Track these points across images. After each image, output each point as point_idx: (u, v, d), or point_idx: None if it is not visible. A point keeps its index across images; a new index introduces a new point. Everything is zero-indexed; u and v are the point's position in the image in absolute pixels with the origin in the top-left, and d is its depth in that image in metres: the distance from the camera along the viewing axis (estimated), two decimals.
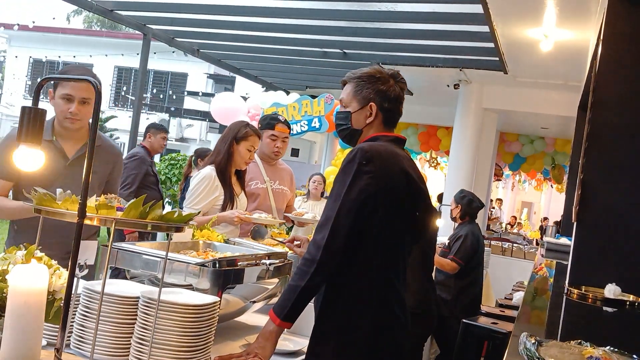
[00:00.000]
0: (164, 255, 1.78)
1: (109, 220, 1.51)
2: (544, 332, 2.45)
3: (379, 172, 2.08)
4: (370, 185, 2.06)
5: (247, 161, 3.62)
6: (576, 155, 5.31)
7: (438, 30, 6.68)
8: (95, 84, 1.55)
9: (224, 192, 3.52)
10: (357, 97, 2.26)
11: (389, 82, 2.25)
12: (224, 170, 3.54)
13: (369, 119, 2.24)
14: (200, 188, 3.48)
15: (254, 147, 3.61)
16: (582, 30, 5.57)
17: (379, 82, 2.25)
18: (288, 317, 2.03)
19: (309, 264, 2.03)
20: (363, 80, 2.26)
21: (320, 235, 2.06)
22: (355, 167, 2.07)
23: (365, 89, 2.25)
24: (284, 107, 8.53)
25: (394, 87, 2.25)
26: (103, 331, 1.81)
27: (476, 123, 9.00)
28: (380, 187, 2.08)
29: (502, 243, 9.18)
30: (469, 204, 5.50)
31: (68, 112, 2.65)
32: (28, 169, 1.62)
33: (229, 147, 3.56)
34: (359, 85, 2.27)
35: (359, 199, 2.05)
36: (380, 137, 2.24)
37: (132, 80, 24.78)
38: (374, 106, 2.23)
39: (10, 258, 1.68)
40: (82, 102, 2.66)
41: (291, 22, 7.22)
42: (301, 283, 2.02)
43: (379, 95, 2.24)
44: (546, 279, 4.22)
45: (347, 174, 2.08)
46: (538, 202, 26.19)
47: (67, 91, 2.64)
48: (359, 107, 2.26)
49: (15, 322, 1.43)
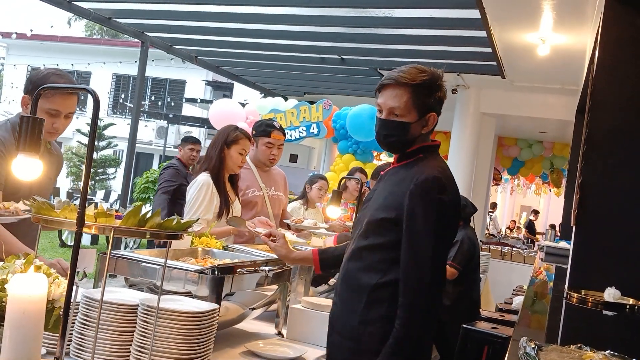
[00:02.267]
0: (163, 262, 1.78)
1: (108, 228, 1.51)
2: (543, 336, 2.45)
3: (453, 200, 2.05)
4: (451, 216, 2.05)
5: (240, 165, 3.57)
6: (574, 158, 5.32)
7: (435, 35, 6.71)
8: (93, 92, 1.54)
9: (220, 198, 3.48)
10: (415, 106, 2.05)
11: (444, 86, 2.09)
12: (218, 176, 3.49)
13: (425, 130, 2.09)
14: (200, 196, 3.41)
15: (245, 150, 3.56)
16: (578, 35, 5.59)
17: (438, 89, 2.07)
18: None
19: (415, 310, 1.94)
20: (420, 87, 2.04)
21: (415, 278, 1.95)
22: (436, 199, 1.97)
23: (427, 97, 2.05)
24: (282, 113, 8.54)
25: (444, 90, 2.10)
26: (102, 339, 1.81)
27: (474, 128, 9.02)
28: (453, 215, 2.07)
29: (501, 247, 9.18)
30: (463, 208, 5.49)
31: (52, 126, 2.53)
32: (27, 178, 1.62)
33: (220, 152, 3.51)
34: (420, 93, 2.04)
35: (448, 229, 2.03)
36: (429, 148, 2.14)
37: (130, 87, 24.79)
38: (435, 116, 2.08)
39: (9, 267, 1.67)
40: (67, 116, 2.57)
41: (289, 28, 7.24)
42: (412, 333, 1.94)
43: (438, 104, 2.09)
44: (546, 283, 4.22)
45: (429, 207, 1.97)
46: (537, 206, 26.18)
47: (54, 106, 2.50)
48: (417, 116, 2.06)
49: (14, 331, 1.43)
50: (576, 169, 3.54)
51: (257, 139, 3.93)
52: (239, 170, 3.62)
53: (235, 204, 3.61)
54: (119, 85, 25.77)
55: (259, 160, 3.97)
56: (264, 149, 3.92)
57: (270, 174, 4.08)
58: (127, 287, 2.31)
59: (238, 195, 3.71)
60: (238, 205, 3.65)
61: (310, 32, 7.31)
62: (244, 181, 3.86)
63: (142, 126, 17.63)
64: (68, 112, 2.56)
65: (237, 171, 3.62)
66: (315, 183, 5.66)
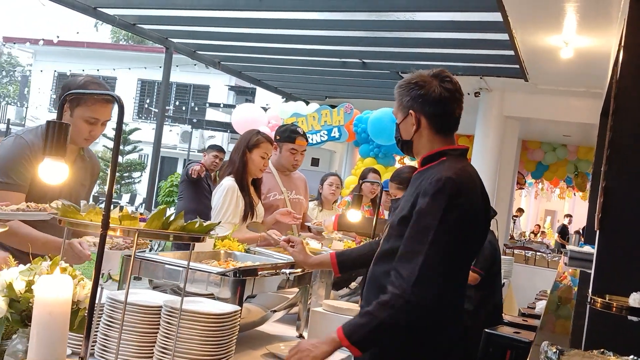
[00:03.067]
0: (186, 264, 1.80)
1: (132, 230, 1.54)
2: (567, 341, 2.43)
3: (467, 204, 1.98)
4: (462, 220, 1.96)
5: (262, 169, 3.60)
6: (599, 162, 5.26)
7: (457, 38, 6.68)
8: (118, 98, 1.58)
9: (244, 202, 3.52)
10: (399, 107, 2.16)
11: (430, 84, 2.09)
12: (242, 179, 3.53)
13: (414, 128, 2.12)
14: (227, 200, 3.45)
15: (267, 154, 3.59)
16: (602, 37, 5.53)
17: (417, 87, 2.10)
18: (358, 344, 1.92)
19: (396, 299, 1.91)
20: (402, 89, 2.14)
21: (407, 270, 1.92)
22: (446, 199, 1.94)
23: (405, 97, 2.13)
24: (303, 117, 8.57)
25: (435, 88, 2.08)
26: (126, 340, 1.84)
27: (498, 131, 8.94)
28: (468, 219, 1.99)
29: (525, 252, 9.09)
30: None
31: (89, 134, 2.58)
32: (53, 182, 1.66)
33: (243, 156, 3.55)
34: (399, 95, 2.15)
35: (455, 230, 1.95)
36: (447, 151, 2.11)
37: (155, 92, 25.05)
38: (414, 114, 2.10)
39: (35, 269, 1.71)
40: (103, 124, 2.61)
41: (310, 33, 7.27)
42: (381, 315, 1.91)
43: (417, 102, 2.10)
44: (570, 288, 4.18)
45: (437, 206, 1.94)
46: (562, 210, 25.88)
47: (94, 115, 2.54)
48: (402, 117, 2.15)
49: (40, 331, 1.46)
50: (600, 172, 3.50)
51: (280, 144, 3.96)
52: (261, 174, 3.65)
53: (258, 207, 3.65)
54: (144, 90, 26.06)
55: (282, 164, 4.00)
56: (287, 154, 3.95)
57: (292, 177, 4.11)
58: (151, 288, 2.35)
59: (261, 198, 3.75)
60: (261, 209, 3.68)
61: (332, 37, 7.33)
62: (265, 185, 3.89)
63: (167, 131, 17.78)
64: (105, 120, 2.60)
65: (260, 175, 3.65)
66: (326, 181, 5.56)
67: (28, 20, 32.96)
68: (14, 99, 34.10)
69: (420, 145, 2.14)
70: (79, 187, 2.72)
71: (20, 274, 1.67)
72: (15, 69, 38.09)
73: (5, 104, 31.70)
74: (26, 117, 26.74)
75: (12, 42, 27.33)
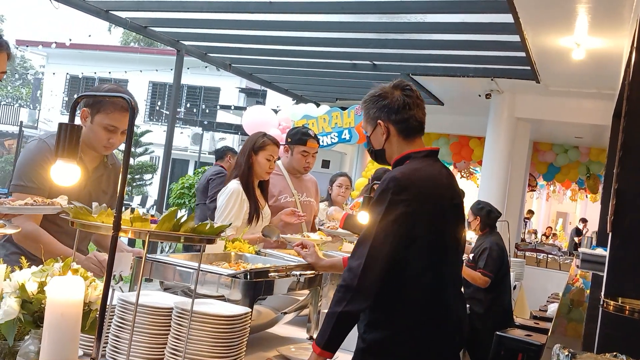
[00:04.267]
0: (197, 266, 1.81)
1: (143, 232, 1.55)
2: (579, 344, 2.41)
3: (415, 199, 2.10)
4: (407, 212, 2.08)
5: (268, 171, 3.59)
6: (611, 164, 5.21)
7: (468, 40, 6.65)
8: (130, 100, 1.59)
9: (250, 205, 3.51)
10: (368, 120, 2.33)
11: (392, 94, 2.28)
12: (247, 182, 3.53)
13: (384, 136, 2.28)
14: (230, 203, 3.46)
15: (272, 157, 3.58)
16: (615, 38, 5.49)
17: (380, 99, 2.29)
18: (328, 346, 2.03)
19: (345, 290, 2.04)
20: (367, 103, 2.33)
21: (355, 262, 2.07)
22: (389, 196, 2.09)
23: (371, 109, 2.31)
24: (314, 119, 8.57)
25: (397, 98, 2.27)
26: (137, 341, 1.85)
27: (509, 133, 8.91)
28: (418, 212, 2.10)
29: (536, 254, 9.04)
30: (488, 214, 5.41)
31: (108, 141, 2.59)
32: (65, 184, 1.67)
33: (248, 159, 3.55)
34: (366, 109, 2.33)
35: (396, 225, 2.07)
36: (412, 154, 2.25)
37: (166, 95, 25.14)
38: (382, 123, 2.27)
39: (48, 270, 1.72)
40: (123, 132, 2.60)
41: (320, 35, 7.27)
42: (338, 309, 2.03)
43: (383, 112, 2.28)
44: (582, 291, 4.15)
45: (381, 202, 2.10)
46: (573, 212, 25.72)
47: (113, 123, 2.56)
48: (372, 129, 2.31)
49: (52, 332, 1.47)
50: (612, 174, 3.48)
51: (292, 146, 3.96)
52: (267, 176, 3.63)
53: (265, 210, 3.64)
54: (155, 92, 26.17)
55: (293, 167, 4.00)
56: (299, 157, 3.95)
57: (302, 180, 4.12)
58: (162, 290, 2.36)
59: (267, 201, 3.74)
60: (268, 211, 3.68)
61: (342, 39, 7.33)
62: (276, 187, 3.90)
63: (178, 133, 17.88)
64: (125, 129, 2.59)
65: (266, 177, 3.63)
66: (335, 182, 5.53)
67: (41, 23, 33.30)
68: (26, 102, 34.36)
69: (391, 152, 2.30)
70: (99, 194, 2.73)
71: (32, 275, 1.69)
72: (28, 71, 38.39)
73: (18, 107, 31.94)
74: (39, 119, 26.94)
75: (25, 45, 27.53)
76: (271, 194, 3.91)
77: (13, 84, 38.24)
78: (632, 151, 3.11)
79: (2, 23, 39.36)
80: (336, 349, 2.05)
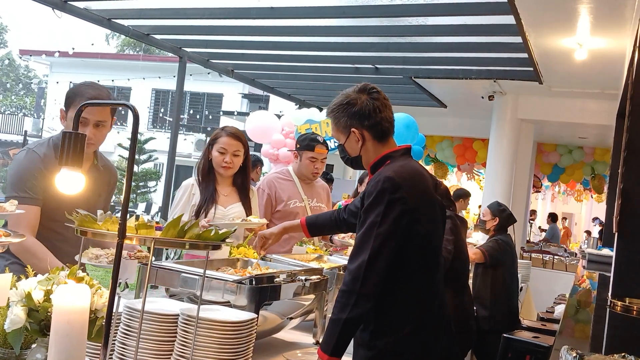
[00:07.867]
0: (202, 273, 1.81)
1: (148, 239, 1.55)
2: (587, 345, 2.40)
3: (411, 197, 2.11)
4: (404, 212, 2.08)
5: (223, 165, 3.39)
6: (616, 164, 5.20)
7: (470, 42, 6.66)
8: (133, 108, 1.58)
9: (202, 195, 3.39)
10: (339, 129, 2.29)
11: (360, 100, 2.26)
12: (207, 176, 3.42)
13: (360, 143, 2.26)
14: (177, 197, 3.49)
15: (225, 149, 3.37)
16: (617, 38, 5.48)
17: (349, 106, 2.25)
18: (335, 352, 2.03)
19: (349, 295, 2.04)
20: (335, 112, 2.29)
21: (355, 265, 2.06)
22: (386, 196, 2.08)
23: (341, 118, 2.27)
24: (317, 123, 8.57)
25: (366, 103, 2.25)
26: (144, 348, 1.85)
27: (512, 134, 8.90)
28: (414, 210, 2.11)
29: (543, 255, 9.01)
30: (508, 218, 5.39)
31: None
32: (70, 192, 1.67)
33: (206, 153, 3.46)
34: (335, 118, 2.29)
35: (396, 224, 2.07)
36: (391, 154, 2.26)
37: (169, 102, 25.22)
38: (356, 130, 2.25)
39: (54, 278, 1.72)
40: (97, 125, 2.56)
41: (322, 39, 7.28)
42: (343, 315, 2.03)
43: (355, 119, 2.25)
44: (589, 292, 4.13)
45: (379, 203, 2.09)
46: (579, 213, 25.63)
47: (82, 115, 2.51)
48: (345, 137, 2.28)
49: (59, 340, 1.47)
50: (617, 174, 3.47)
51: (300, 152, 3.97)
52: (223, 170, 3.43)
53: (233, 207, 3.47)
54: (158, 99, 26.24)
55: (302, 173, 4.01)
56: (307, 162, 3.95)
57: (313, 186, 4.12)
58: (167, 297, 2.36)
59: (273, 204, 3.76)
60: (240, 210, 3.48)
61: (344, 43, 7.34)
62: (285, 192, 3.91)
63: (182, 139, 17.88)
64: (97, 120, 2.54)
65: (221, 171, 3.43)
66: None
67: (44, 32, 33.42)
68: (30, 111, 34.50)
69: (367, 157, 2.29)
70: (95, 198, 2.70)
71: (38, 283, 1.69)
72: (32, 80, 38.57)
73: (22, 116, 32.08)
74: (43, 128, 27.04)
75: (28, 55, 27.69)
76: (280, 199, 3.91)
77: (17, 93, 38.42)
78: (637, 150, 3.10)
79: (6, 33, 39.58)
80: (343, 354, 2.05)
